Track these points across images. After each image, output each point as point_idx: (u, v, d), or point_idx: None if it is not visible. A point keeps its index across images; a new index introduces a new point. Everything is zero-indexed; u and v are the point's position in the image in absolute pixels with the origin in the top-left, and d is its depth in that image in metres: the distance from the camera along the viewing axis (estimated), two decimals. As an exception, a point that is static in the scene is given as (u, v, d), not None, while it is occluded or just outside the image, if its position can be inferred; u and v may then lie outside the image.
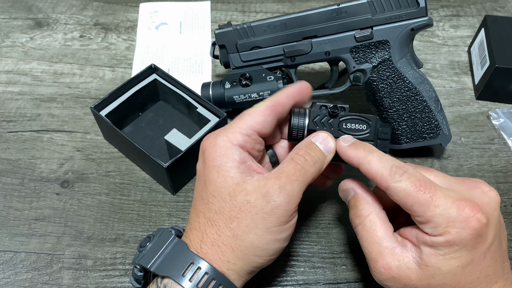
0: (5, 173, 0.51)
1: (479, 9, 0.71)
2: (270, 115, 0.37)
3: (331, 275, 0.43)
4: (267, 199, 0.33)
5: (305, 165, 0.35)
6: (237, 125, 0.36)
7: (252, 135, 0.36)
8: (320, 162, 0.36)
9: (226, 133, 0.36)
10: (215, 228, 0.34)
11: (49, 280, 0.43)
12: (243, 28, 0.50)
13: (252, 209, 0.33)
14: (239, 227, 0.33)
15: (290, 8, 0.72)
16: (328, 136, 0.37)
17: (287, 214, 0.34)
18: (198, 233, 0.35)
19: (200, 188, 0.36)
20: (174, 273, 0.33)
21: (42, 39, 0.66)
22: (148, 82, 0.54)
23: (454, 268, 0.32)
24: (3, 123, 0.56)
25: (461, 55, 0.65)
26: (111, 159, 0.52)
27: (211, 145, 0.36)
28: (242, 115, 0.37)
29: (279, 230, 0.34)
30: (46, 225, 0.47)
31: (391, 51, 0.48)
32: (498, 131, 0.55)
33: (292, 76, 0.51)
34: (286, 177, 0.34)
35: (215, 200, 0.34)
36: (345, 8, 0.47)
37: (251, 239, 0.33)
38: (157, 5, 0.72)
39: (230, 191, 0.34)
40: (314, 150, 0.36)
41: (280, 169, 0.35)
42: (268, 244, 0.34)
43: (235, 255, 0.34)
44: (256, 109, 0.37)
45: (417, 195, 0.32)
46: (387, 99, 0.49)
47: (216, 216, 0.34)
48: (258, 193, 0.33)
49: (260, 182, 0.34)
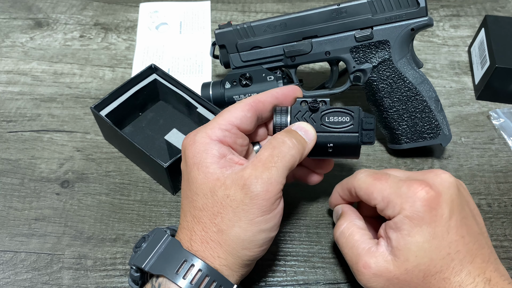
0: (5, 173, 0.51)
1: (479, 9, 0.71)
2: (250, 111, 0.37)
3: (331, 275, 0.43)
4: (245, 191, 0.33)
5: (283, 148, 0.34)
6: (216, 121, 0.37)
7: (231, 130, 0.36)
8: (301, 144, 0.36)
9: (205, 130, 0.36)
10: (201, 225, 0.34)
11: (49, 280, 0.43)
12: (243, 28, 0.50)
13: (232, 202, 0.33)
14: (223, 221, 0.34)
15: (290, 8, 0.72)
16: (307, 124, 0.38)
17: (268, 202, 0.33)
18: (187, 232, 0.35)
19: (184, 187, 0.37)
20: (168, 271, 0.33)
21: (42, 39, 0.66)
22: (148, 82, 0.54)
23: (422, 244, 0.33)
24: (3, 123, 0.56)
25: (461, 55, 0.65)
26: (111, 159, 0.52)
27: (190, 143, 0.36)
28: (222, 112, 0.37)
29: (263, 220, 0.33)
30: (46, 225, 0.47)
31: (391, 51, 0.48)
32: (498, 131, 0.55)
33: (292, 76, 0.51)
34: (263, 166, 0.33)
35: (198, 197, 0.35)
36: (345, 8, 0.47)
37: (236, 233, 0.33)
38: (157, 5, 0.72)
39: (211, 187, 0.34)
40: (293, 134, 0.36)
41: (257, 157, 0.34)
42: (255, 236, 0.34)
43: (223, 250, 0.34)
44: (235, 105, 0.37)
45: (374, 183, 0.36)
46: (387, 99, 0.49)
47: (201, 213, 0.35)
48: (236, 186, 0.33)
49: (238, 174, 0.34)
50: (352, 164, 0.52)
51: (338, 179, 0.43)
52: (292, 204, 0.48)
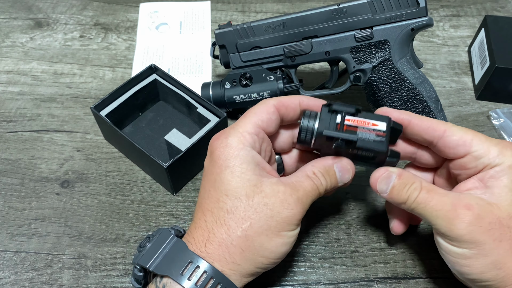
0: (5, 173, 0.51)
1: (479, 9, 0.71)
2: (275, 114, 0.37)
3: (331, 275, 0.43)
4: (285, 206, 0.34)
5: (319, 187, 0.36)
6: (245, 124, 0.36)
7: (259, 134, 0.37)
8: (332, 188, 0.38)
9: (236, 133, 0.36)
10: (225, 228, 0.34)
11: (49, 280, 0.43)
12: (243, 28, 0.50)
13: (269, 211, 0.34)
14: (251, 228, 0.34)
15: (290, 8, 0.72)
16: (350, 168, 0.38)
17: (297, 222, 0.35)
18: (204, 232, 0.35)
19: (208, 186, 0.36)
20: (173, 272, 0.33)
21: (42, 39, 0.66)
22: (148, 82, 0.54)
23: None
24: (3, 123, 0.56)
25: (461, 55, 0.65)
26: (111, 159, 0.52)
27: (222, 145, 0.36)
28: (248, 114, 0.37)
29: (287, 234, 0.35)
30: (46, 225, 0.47)
31: (391, 51, 0.48)
32: (498, 131, 0.55)
33: (292, 76, 0.51)
34: (303, 192, 0.35)
35: (228, 199, 0.34)
36: (345, 8, 0.47)
37: (261, 241, 0.34)
38: (157, 5, 0.72)
39: (248, 192, 0.34)
40: (331, 177, 0.37)
41: (298, 182, 0.36)
42: (277, 247, 0.35)
43: (243, 256, 0.34)
44: (260, 108, 0.37)
45: (472, 132, 0.36)
46: (387, 99, 0.49)
47: (227, 215, 0.34)
48: (276, 197, 0.34)
49: (279, 187, 0.35)
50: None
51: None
52: (292, 204, 0.48)
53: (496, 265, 0.33)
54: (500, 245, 0.33)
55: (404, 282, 0.43)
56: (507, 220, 0.33)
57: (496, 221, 0.33)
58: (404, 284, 0.43)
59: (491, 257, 0.33)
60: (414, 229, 0.46)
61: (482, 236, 0.33)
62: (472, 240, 0.33)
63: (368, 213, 0.48)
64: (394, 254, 0.45)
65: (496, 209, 0.34)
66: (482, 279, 0.34)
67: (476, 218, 0.33)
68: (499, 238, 0.33)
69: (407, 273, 0.44)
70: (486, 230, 0.33)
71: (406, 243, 0.45)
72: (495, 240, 0.33)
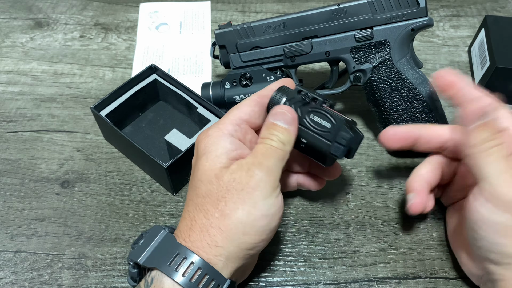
0: (5, 173, 0.51)
1: (479, 9, 0.71)
2: (256, 106, 0.39)
3: (331, 275, 0.43)
4: (250, 174, 0.35)
5: (273, 144, 0.36)
6: (227, 117, 0.39)
7: (241, 125, 0.38)
8: (286, 137, 0.37)
9: (217, 125, 0.38)
10: (203, 213, 0.35)
11: (49, 280, 0.43)
12: (243, 28, 0.50)
13: (238, 185, 0.34)
14: (226, 206, 0.34)
15: (290, 8, 0.72)
16: (285, 110, 0.38)
17: (270, 186, 0.35)
18: (187, 222, 0.36)
19: (190, 178, 0.38)
20: (161, 264, 0.34)
21: (42, 39, 0.66)
22: (148, 82, 0.54)
23: None
24: (3, 123, 0.56)
25: (461, 55, 0.65)
26: (111, 159, 0.52)
27: (203, 137, 0.38)
28: (232, 109, 0.39)
29: (265, 204, 0.35)
30: (46, 225, 0.47)
31: (391, 51, 0.48)
32: (498, 131, 0.55)
33: (292, 76, 0.51)
34: (261, 155, 0.36)
35: (202, 184, 0.36)
36: (345, 8, 0.47)
37: (239, 216, 0.34)
38: (157, 5, 0.72)
39: (217, 173, 0.35)
40: (276, 129, 0.37)
41: (254, 150, 0.37)
42: (256, 221, 0.34)
43: (224, 236, 0.34)
44: (243, 102, 0.40)
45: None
46: (387, 99, 0.49)
47: (204, 200, 0.35)
48: (241, 170, 0.35)
49: (242, 161, 0.36)
50: (352, 163, 0.52)
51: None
52: (292, 204, 0.48)
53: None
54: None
55: (404, 282, 0.43)
56: None
57: None
58: (404, 284, 0.43)
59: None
60: (414, 229, 0.46)
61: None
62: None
63: (368, 213, 0.48)
64: (394, 254, 0.45)
65: None
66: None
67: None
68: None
69: (407, 273, 0.44)
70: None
71: (406, 243, 0.45)
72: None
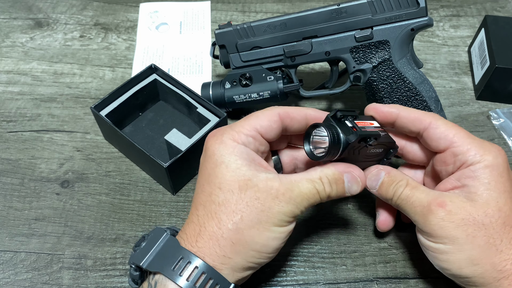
0: (5, 173, 0.51)
1: (479, 9, 0.71)
2: (276, 123, 0.37)
3: (331, 275, 0.43)
4: (276, 203, 0.34)
5: (321, 193, 0.36)
6: (243, 125, 0.37)
7: (256, 137, 0.37)
8: (336, 195, 0.37)
9: (232, 131, 0.36)
10: (216, 221, 0.34)
11: (49, 280, 0.43)
12: (243, 28, 0.50)
13: (259, 206, 0.34)
14: (242, 221, 0.34)
15: (290, 8, 0.72)
16: (361, 181, 0.37)
17: (289, 219, 0.35)
18: (195, 227, 0.35)
19: (202, 181, 0.36)
20: (164, 268, 0.33)
21: (42, 39, 0.66)
22: (148, 82, 0.54)
23: (503, 193, 0.35)
24: (3, 123, 0.56)
25: (461, 55, 0.65)
26: (111, 159, 0.52)
27: (217, 141, 0.36)
28: (250, 116, 0.38)
29: (278, 230, 0.35)
30: (46, 225, 0.47)
31: (391, 51, 0.48)
32: (498, 131, 0.55)
33: (292, 76, 0.51)
34: (298, 193, 0.35)
35: (221, 192, 0.35)
36: (345, 8, 0.47)
37: (252, 234, 0.34)
38: (157, 5, 0.72)
39: (241, 185, 0.34)
40: (338, 186, 0.36)
41: (296, 182, 0.35)
42: (268, 241, 0.35)
43: (234, 249, 0.34)
44: (264, 112, 0.37)
45: (457, 128, 0.37)
46: (387, 99, 0.49)
47: (219, 208, 0.34)
48: (268, 193, 0.34)
49: (273, 183, 0.34)
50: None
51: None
52: (292, 204, 0.48)
53: (472, 261, 0.34)
54: (474, 240, 0.34)
55: (404, 282, 0.43)
56: (482, 217, 0.34)
57: (469, 217, 0.34)
58: (404, 284, 0.43)
59: (466, 253, 0.34)
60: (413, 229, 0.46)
61: (454, 231, 0.34)
62: (444, 235, 0.35)
63: (368, 213, 0.48)
64: (394, 254, 0.45)
65: (470, 206, 0.35)
66: (461, 274, 0.35)
67: (448, 214, 0.35)
68: (473, 234, 0.34)
69: (407, 273, 0.44)
70: (458, 226, 0.34)
71: (406, 243, 0.45)
72: (468, 235, 0.34)
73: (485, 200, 0.35)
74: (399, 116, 0.39)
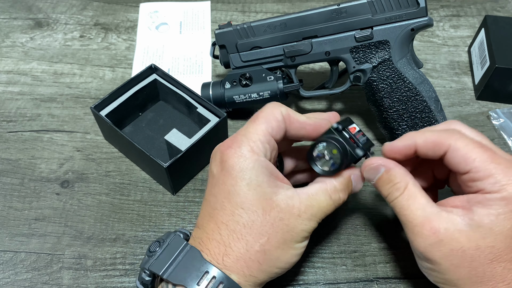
0: (5, 173, 0.51)
1: (479, 9, 0.71)
2: (283, 122, 0.37)
3: (331, 275, 0.43)
4: (299, 222, 0.35)
5: (335, 202, 0.37)
6: (256, 131, 0.36)
7: (270, 142, 0.36)
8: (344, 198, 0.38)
9: (248, 141, 0.35)
10: (243, 243, 0.34)
11: (49, 280, 0.43)
12: (243, 28, 0.50)
13: (285, 226, 0.34)
14: (269, 242, 0.34)
15: (290, 8, 0.72)
16: (361, 178, 0.38)
17: (309, 233, 0.36)
18: (220, 246, 0.34)
19: (221, 198, 0.35)
20: (189, 281, 0.33)
21: (42, 39, 0.66)
22: (148, 82, 0.54)
23: (506, 230, 0.32)
24: (3, 123, 0.56)
25: (461, 55, 0.65)
26: (111, 159, 0.52)
27: (236, 155, 0.35)
28: (258, 120, 0.36)
29: (300, 246, 0.36)
30: (46, 225, 0.47)
31: (391, 51, 0.48)
32: (498, 131, 0.55)
33: (292, 76, 0.51)
34: (318, 208, 0.36)
35: (244, 212, 0.34)
36: (345, 8, 0.47)
37: (278, 254, 0.35)
38: (157, 5, 0.72)
39: (264, 206, 0.34)
40: (349, 189, 0.38)
41: (313, 197, 0.36)
42: (291, 257, 0.36)
43: (260, 268, 0.34)
44: (270, 114, 0.36)
45: (480, 150, 0.33)
46: (387, 99, 0.49)
47: (245, 230, 0.34)
48: (291, 213, 0.35)
49: (294, 202, 0.35)
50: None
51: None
52: (292, 204, 0.48)
53: (455, 283, 0.33)
54: (457, 270, 0.33)
55: (404, 282, 0.43)
56: (472, 250, 0.32)
57: (459, 249, 0.32)
58: (404, 284, 0.43)
59: (448, 276, 0.33)
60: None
61: (440, 259, 0.33)
62: (429, 258, 0.34)
63: (368, 213, 0.48)
64: (394, 254, 0.45)
65: (464, 238, 0.32)
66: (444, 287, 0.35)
67: (437, 242, 0.33)
68: (457, 264, 0.33)
69: (407, 273, 0.44)
70: (445, 255, 0.33)
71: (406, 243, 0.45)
72: (452, 265, 0.33)
73: (483, 234, 0.32)
74: (417, 146, 0.36)
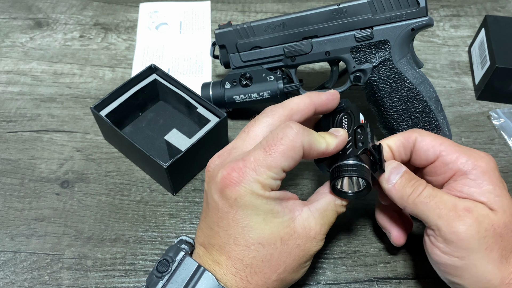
0: (5, 173, 0.51)
1: (479, 9, 0.71)
2: (303, 156, 0.35)
3: (331, 275, 0.43)
4: (314, 244, 0.36)
5: (340, 214, 0.38)
6: (269, 168, 0.33)
7: (281, 174, 0.34)
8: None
9: (258, 178, 0.33)
10: (261, 276, 0.34)
11: (49, 280, 0.43)
12: (243, 28, 0.50)
13: (300, 252, 0.35)
14: (285, 270, 0.35)
15: (290, 8, 0.72)
16: None
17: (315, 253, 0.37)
18: (238, 281, 0.34)
19: (233, 233, 0.34)
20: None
21: (42, 39, 0.66)
22: (148, 82, 0.54)
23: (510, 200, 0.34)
24: (3, 123, 0.55)
25: (462, 55, 0.65)
26: (111, 159, 0.52)
27: (247, 193, 0.33)
28: (273, 153, 0.33)
29: (310, 261, 0.37)
30: (46, 225, 0.47)
31: (391, 51, 0.47)
32: (498, 131, 0.55)
33: (292, 76, 0.51)
34: (329, 224, 0.37)
35: (261, 247, 0.34)
36: (345, 8, 0.47)
37: (292, 277, 0.36)
38: (157, 5, 0.72)
39: (282, 236, 0.34)
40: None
41: (325, 213, 0.37)
42: (302, 274, 0.37)
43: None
44: (294, 151, 0.34)
45: (442, 138, 0.37)
46: (387, 99, 0.49)
47: (262, 263, 0.34)
48: (307, 237, 0.35)
49: (310, 223, 0.35)
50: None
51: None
52: (292, 204, 0.48)
53: (486, 277, 0.33)
54: (490, 254, 0.33)
55: (404, 282, 0.43)
56: (501, 228, 0.33)
57: (490, 228, 0.33)
58: (404, 284, 0.43)
59: (481, 268, 0.33)
60: (414, 229, 0.46)
61: (476, 243, 0.33)
62: (467, 246, 0.33)
63: (368, 213, 0.48)
64: (394, 254, 0.45)
65: (492, 216, 0.33)
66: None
67: (475, 222, 0.33)
68: (490, 247, 0.33)
69: (407, 273, 0.44)
70: (481, 237, 0.33)
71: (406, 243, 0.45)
72: (487, 249, 0.33)
73: (502, 209, 0.33)
74: (393, 152, 0.38)
